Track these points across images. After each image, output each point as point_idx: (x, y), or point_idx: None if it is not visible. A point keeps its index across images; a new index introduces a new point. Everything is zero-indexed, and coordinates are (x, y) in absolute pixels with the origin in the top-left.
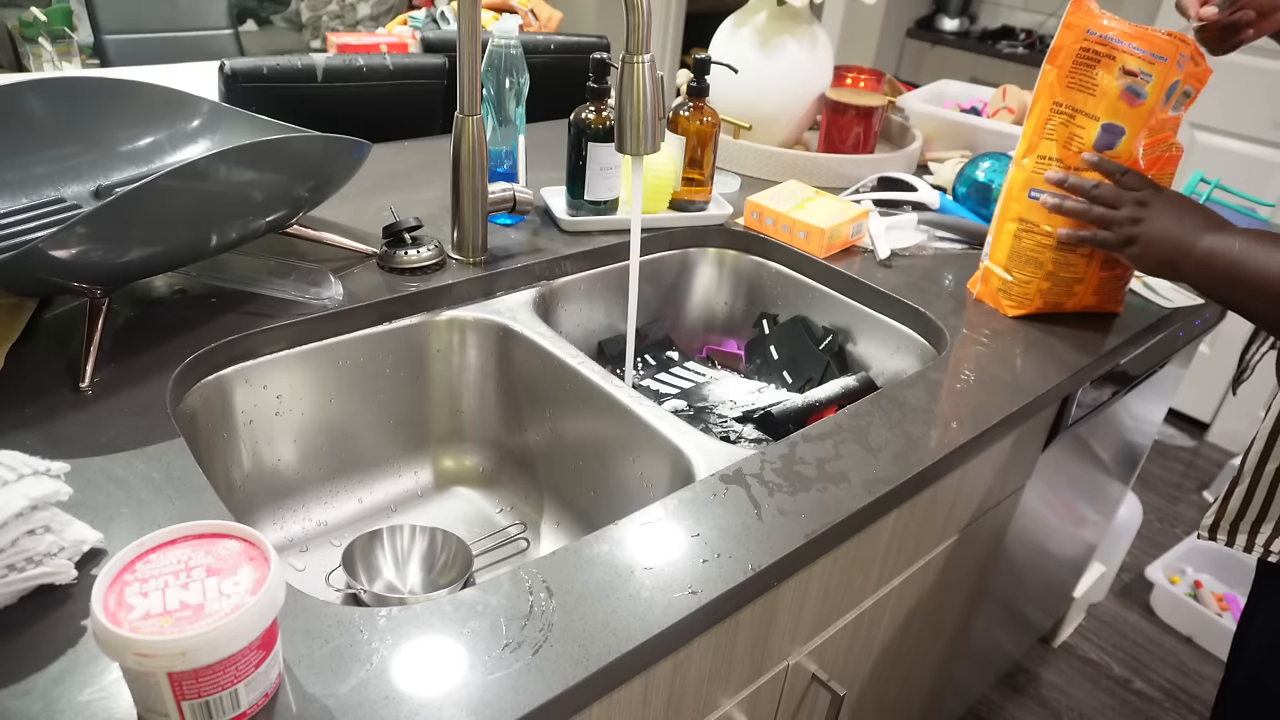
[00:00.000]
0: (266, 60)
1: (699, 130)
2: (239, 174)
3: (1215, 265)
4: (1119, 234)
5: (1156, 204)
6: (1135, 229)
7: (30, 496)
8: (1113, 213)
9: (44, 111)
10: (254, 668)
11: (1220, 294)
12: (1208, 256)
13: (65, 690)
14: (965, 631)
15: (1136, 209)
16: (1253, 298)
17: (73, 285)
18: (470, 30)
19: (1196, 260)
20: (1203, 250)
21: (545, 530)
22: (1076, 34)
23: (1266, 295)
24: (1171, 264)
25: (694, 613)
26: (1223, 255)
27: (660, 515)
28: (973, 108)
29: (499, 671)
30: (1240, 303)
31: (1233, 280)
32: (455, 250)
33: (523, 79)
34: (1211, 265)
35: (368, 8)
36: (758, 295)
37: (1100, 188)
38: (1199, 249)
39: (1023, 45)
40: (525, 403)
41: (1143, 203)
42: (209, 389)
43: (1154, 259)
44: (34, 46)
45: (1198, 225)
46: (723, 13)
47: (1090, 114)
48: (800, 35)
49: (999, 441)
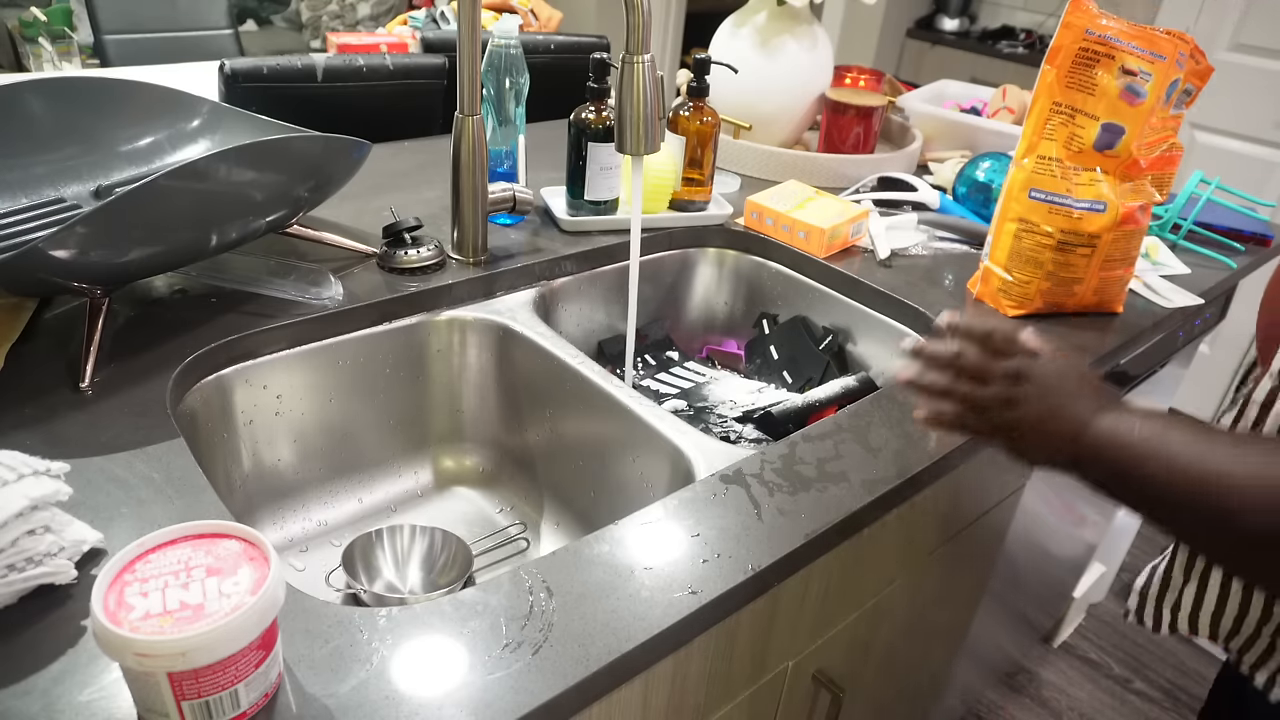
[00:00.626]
0: (266, 60)
1: (699, 130)
2: (239, 174)
3: (1110, 456)
4: (989, 421)
5: (1034, 377)
6: (1010, 413)
7: (30, 496)
8: (980, 392)
9: (44, 111)
10: (254, 668)
11: (1120, 492)
12: (1102, 446)
13: (65, 690)
14: (965, 631)
15: (1009, 386)
16: (1161, 496)
17: (73, 285)
18: (470, 30)
19: (1089, 450)
20: (1096, 437)
21: (545, 530)
22: (1075, 34)
23: (1178, 496)
24: (1055, 453)
25: (694, 613)
26: (1122, 443)
27: (660, 515)
28: (973, 108)
29: (499, 671)
30: (1145, 503)
31: (1129, 475)
32: (455, 250)
33: (523, 79)
34: (1105, 456)
35: (368, 8)
36: (758, 295)
37: (963, 356)
38: (1089, 436)
39: (1023, 45)
40: (525, 403)
41: (1017, 376)
42: (209, 389)
43: (1038, 452)
44: (34, 46)
45: (1088, 405)
46: (723, 13)
47: (1090, 114)
48: (800, 35)
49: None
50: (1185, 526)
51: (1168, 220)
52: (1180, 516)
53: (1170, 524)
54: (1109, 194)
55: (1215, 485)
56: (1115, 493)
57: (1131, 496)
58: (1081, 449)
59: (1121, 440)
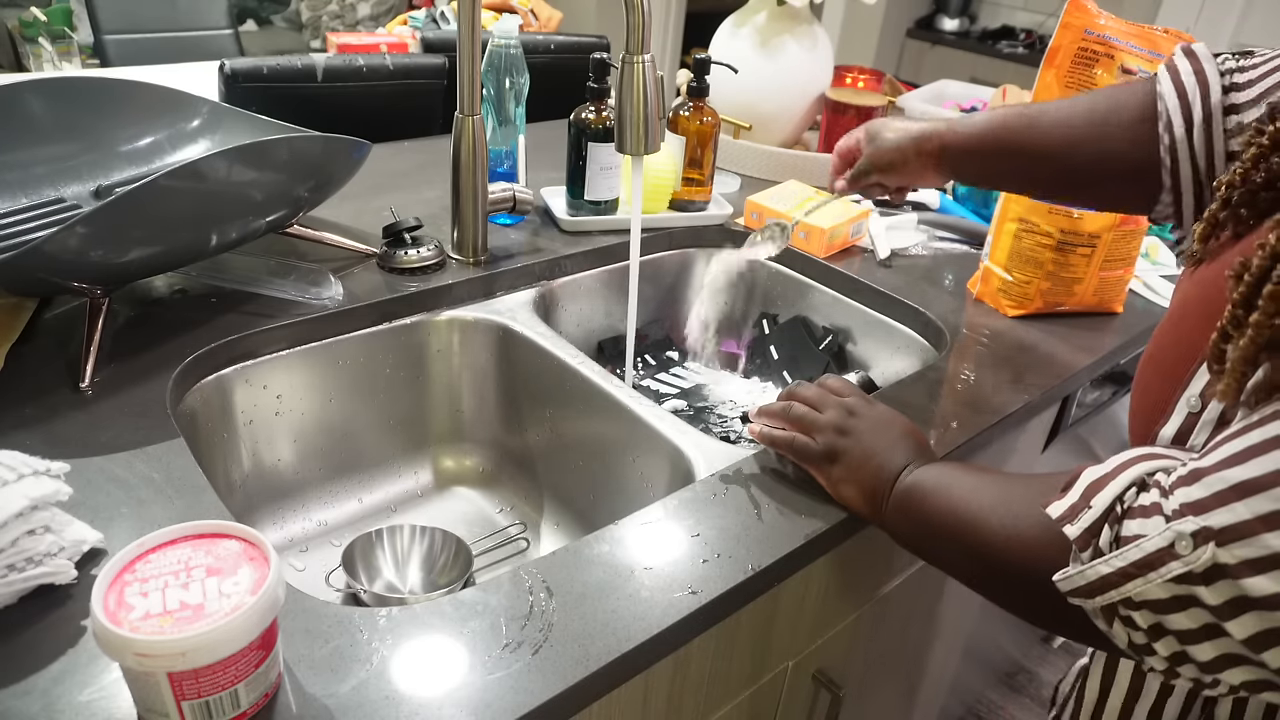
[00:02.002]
0: (266, 60)
1: (699, 130)
2: (239, 174)
3: (905, 501)
4: (821, 442)
5: (864, 415)
6: (841, 440)
7: (30, 496)
8: (815, 414)
9: (44, 111)
10: (254, 668)
11: (910, 533)
12: (902, 490)
13: (65, 690)
14: (965, 631)
15: (844, 416)
16: (948, 545)
17: (73, 285)
18: (470, 30)
19: (898, 494)
20: (901, 483)
21: (545, 530)
22: (1075, 34)
23: (960, 543)
24: (872, 494)
25: (694, 613)
26: (917, 487)
27: (660, 515)
28: (973, 107)
29: (499, 671)
30: (937, 552)
31: (915, 514)
32: (455, 250)
33: (523, 79)
34: (902, 501)
35: (368, 8)
36: (758, 295)
37: (803, 386)
38: (904, 480)
39: (1023, 45)
40: (525, 403)
41: (852, 411)
42: (209, 389)
43: (856, 486)
44: (34, 46)
45: (903, 455)
46: (723, 13)
47: None
48: (800, 35)
49: (999, 441)
50: (955, 564)
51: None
52: (949, 554)
53: (939, 562)
54: None
55: (972, 528)
56: (908, 535)
57: (917, 537)
58: (890, 494)
59: (918, 484)
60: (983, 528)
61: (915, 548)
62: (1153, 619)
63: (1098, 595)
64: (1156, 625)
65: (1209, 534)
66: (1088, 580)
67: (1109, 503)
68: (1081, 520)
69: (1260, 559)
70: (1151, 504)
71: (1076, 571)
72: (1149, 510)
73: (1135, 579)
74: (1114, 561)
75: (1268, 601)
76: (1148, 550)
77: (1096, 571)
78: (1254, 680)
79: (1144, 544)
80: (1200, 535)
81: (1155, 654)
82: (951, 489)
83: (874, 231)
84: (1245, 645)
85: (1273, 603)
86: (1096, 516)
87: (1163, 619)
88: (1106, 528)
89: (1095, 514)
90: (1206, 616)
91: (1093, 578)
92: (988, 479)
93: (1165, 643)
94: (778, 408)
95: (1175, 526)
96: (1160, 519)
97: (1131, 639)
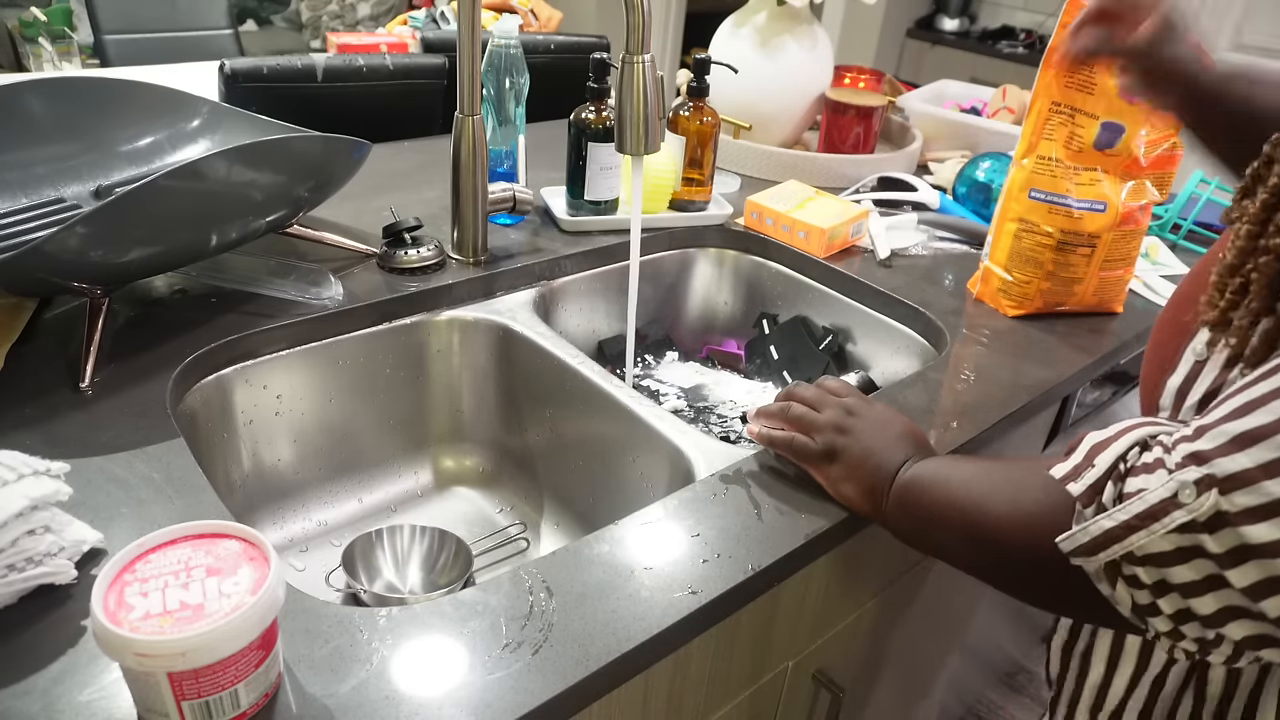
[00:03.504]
0: (266, 60)
1: (699, 130)
2: (239, 174)
3: (905, 495)
4: (820, 441)
5: (863, 414)
6: (840, 439)
7: (30, 496)
8: (814, 414)
9: (44, 111)
10: (254, 668)
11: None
12: (903, 485)
13: (65, 690)
14: (965, 631)
15: (843, 415)
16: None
17: (73, 285)
18: (470, 30)
19: (895, 493)
20: (901, 478)
21: (545, 530)
22: None
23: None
24: (871, 491)
25: (694, 613)
26: (917, 479)
27: (660, 515)
28: (973, 108)
29: (499, 671)
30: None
31: (917, 507)
32: (455, 250)
33: (523, 79)
34: (902, 496)
35: (368, 8)
36: (758, 295)
37: (801, 386)
38: (903, 474)
39: (1023, 45)
40: (525, 403)
41: (850, 411)
42: (209, 389)
43: (855, 484)
44: (34, 46)
45: (903, 452)
46: (723, 13)
47: (1090, 113)
48: (800, 35)
49: (999, 441)
50: (957, 551)
51: (1168, 220)
52: (951, 542)
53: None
54: (1109, 194)
55: (974, 512)
56: (909, 529)
57: (918, 529)
58: (891, 491)
59: (917, 477)
60: (985, 510)
61: (916, 541)
62: (1156, 574)
63: (1101, 551)
64: (1160, 581)
65: (1211, 481)
66: (1091, 536)
67: (1112, 461)
68: (1085, 478)
69: (1261, 506)
70: (1154, 460)
71: (1080, 529)
72: (1152, 466)
73: (1139, 531)
74: (1117, 515)
75: (1268, 549)
76: (1151, 502)
77: (1100, 526)
78: (1255, 635)
79: (1147, 495)
80: (1203, 483)
81: (1160, 613)
82: (950, 478)
83: (874, 231)
84: (1245, 595)
85: (1272, 550)
86: (1100, 474)
87: (1166, 573)
88: (1110, 484)
89: (1098, 472)
90: (1209, 567)
91: (1096, 533)
92: (986, 466)
93: (1170, 599)
94: (776, 408)
95: (1178, 476)
96: (1163, 472)
97: (1135, 599)
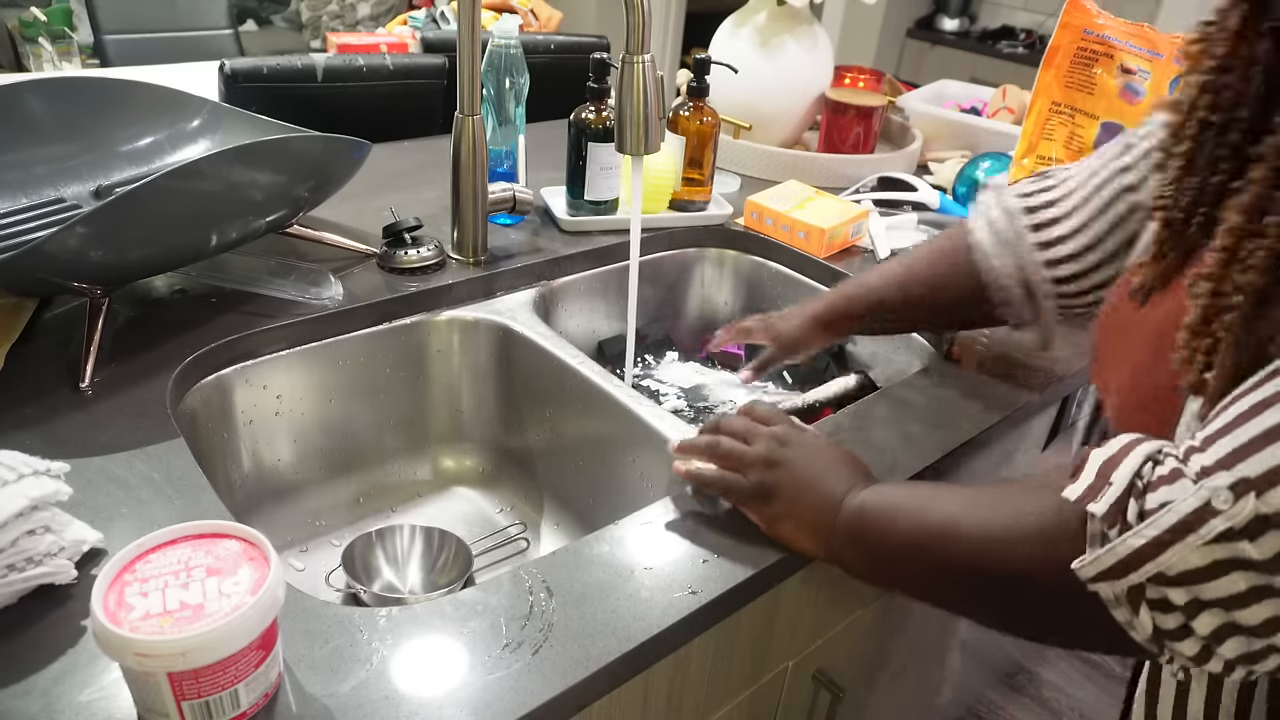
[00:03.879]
0: (266, 60)
1: (699, 130)
2: (239, 174)
3: (856, 525)
4: (752, 478)
5: (795, 444)
6: (771, 474)
7: (30, 496)
8: (743, 448)
9: (44, 111)
10: (254, 668)
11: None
12: (851, 516)
13: (65, 690)
14: (965, 631)
15: (774, 447)
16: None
17: (73, 285)
18: (470, 30)
19: (842, 525)
20: (847, 508)
21: (545, 530)
22: (1074, 34)
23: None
24: (814, 529)
25: (694, 613)
26: (867, 509)
27: (660, 515)
28: (973, 108)
29: (499, 671)
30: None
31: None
32: (455, 250)
33: (523, 79)
34: (853, 527)
35: (368, 8)
36: (758, 295)
37: (728, 418)
38: (849, 505)
39: (1023, 45)
40: (525, 403)
41: (782, 441)
42: (209, 389)
43: (794, 521)
44: (34, 46)
45: (844, 481)
46: (723, 13)
47: (1089, 113)
48: (800, 35)
49: (999, 441)
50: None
51: None
52: (915, 573)
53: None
54: None
55: (944, 539)
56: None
57: (875, 563)
58: (835, 524)
59: (867, 506)
60: (975, 537)
61: (873, 575)
62: (1189, 594)
63: (1131, 573)
64: (1193, 601)
65: (1247, 484)
66: (1118, 557)
67: (1129, 478)
68: (1105, 497)
69: None
70: (1171, 471)
71: (1105, 550)
72: (1170, 478)
73: (1172, 546)
74: (1146, 532)
75: None
76: (1183, 513)
77: (1129, 545)
78: None
79: (1177, 506)
80: (1239, 487)
81: (1190, 635)
82: (905, 505)
83: (874, 231)
84: None
85: None
86: (1120, 492)
87: (1200, 590)
88: (1132, 501)
89: (1118, 489)
90: (1255, 577)
91: (1124, 553)
92: (941, 491)
93: (1206, 618)
94: (703, 442)
95: (1209, 483)
96: (1186, 482)
97: (1158, 625)
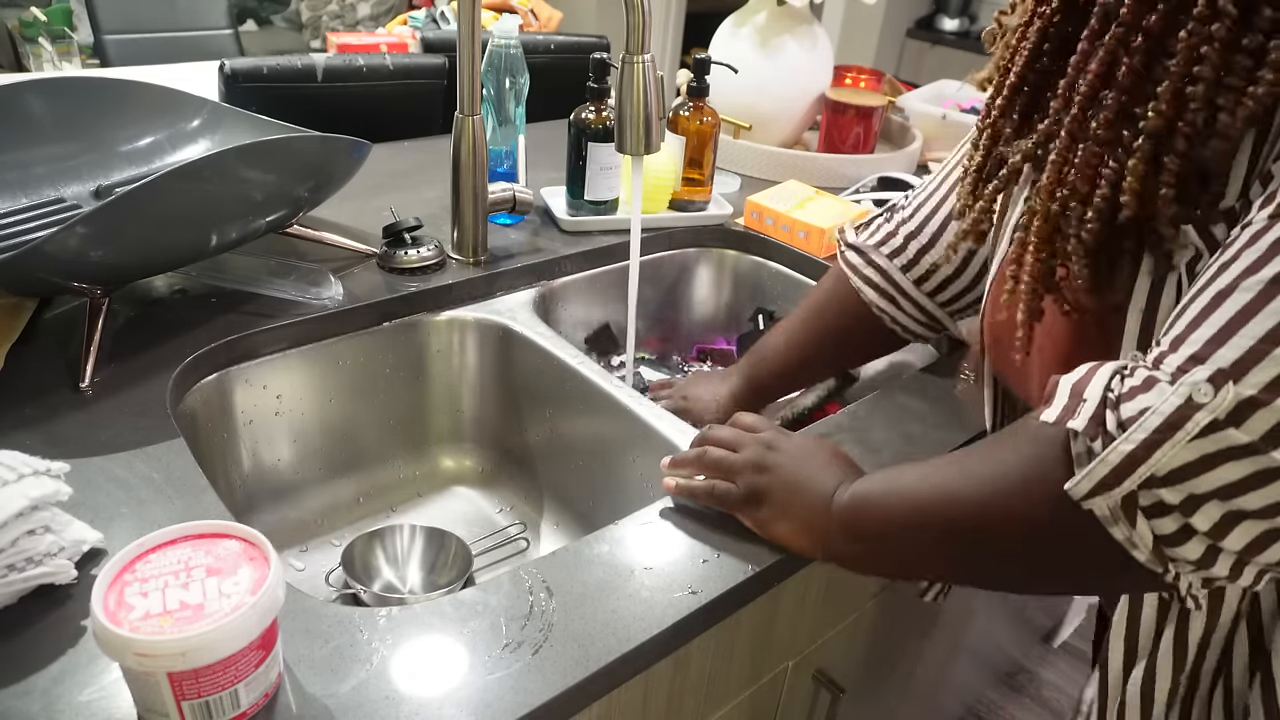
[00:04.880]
0: (266, 60)
1: (699, 130)
2: (239, 174)
3: (853, 516)
4: (742, 484)
5: (782, 448)
6: (761, 478)
7: (30, 496)
8: (731, 456)
9: (44, 111)
10: (254, 668)
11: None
12: (846, 508)
13: (65, 690)
14: (965, 631)
15: (762, 452)
16: (918, 539)
17: (73, 285)
18: (470, 30)
19: (837, 518)
20: (839, 501)
21: (545, 530)
22: None
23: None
24: (809, 527)
25: (694, 613)
26: (863, 498)
27: (660, 515)
28: (973, 108)
29: (499, 671)
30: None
31: (869, 524)
32: (455, 250)
33: (523, 79)
34: (849, 518)
35: (368, 8)
36: (758, 295)
37: (716, 428)
38: (841, 499)
39: None
40: (525, 403)
41: (769, 446)
42: (209, 389)
43: (788, 522)
44: (34, 46)
45: (834, 476)
46: (723, 13)
47: None
48: (800, 35)
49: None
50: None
51: None
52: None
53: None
54: None
55: (945, 505)
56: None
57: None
58: (830, 519)
59: (861, 496)
60: (967, 493)
61: (874, 563)
62: (1182, 492)
63: (1125, 479)
64: (1189, 498)
65: (1224, 374)
66: (1110, 467)
67: (1101, 392)
68: (1082, 413)
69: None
70: (1143, 380)
71: (1096, 462)
72: (1145, 386)
73: (1161, 446)
74: (1135, 435)
75: None
76: (1166, 413)
77: (1119, 452)
78: None
79: (1160, 408)
80: (1217, 378)
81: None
82: (915, 483)
83: None
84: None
85: None
86: (1096, 405)
87: (1193, 485)
88: (1109, 413)
89: (1093, 404)
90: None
91: (1115, 460)
92: (947, 457)
93: (1205, 513)
94: (692, 455)
95: (1186, 380)
96: (1164, 385)
97: (1157, 532)
